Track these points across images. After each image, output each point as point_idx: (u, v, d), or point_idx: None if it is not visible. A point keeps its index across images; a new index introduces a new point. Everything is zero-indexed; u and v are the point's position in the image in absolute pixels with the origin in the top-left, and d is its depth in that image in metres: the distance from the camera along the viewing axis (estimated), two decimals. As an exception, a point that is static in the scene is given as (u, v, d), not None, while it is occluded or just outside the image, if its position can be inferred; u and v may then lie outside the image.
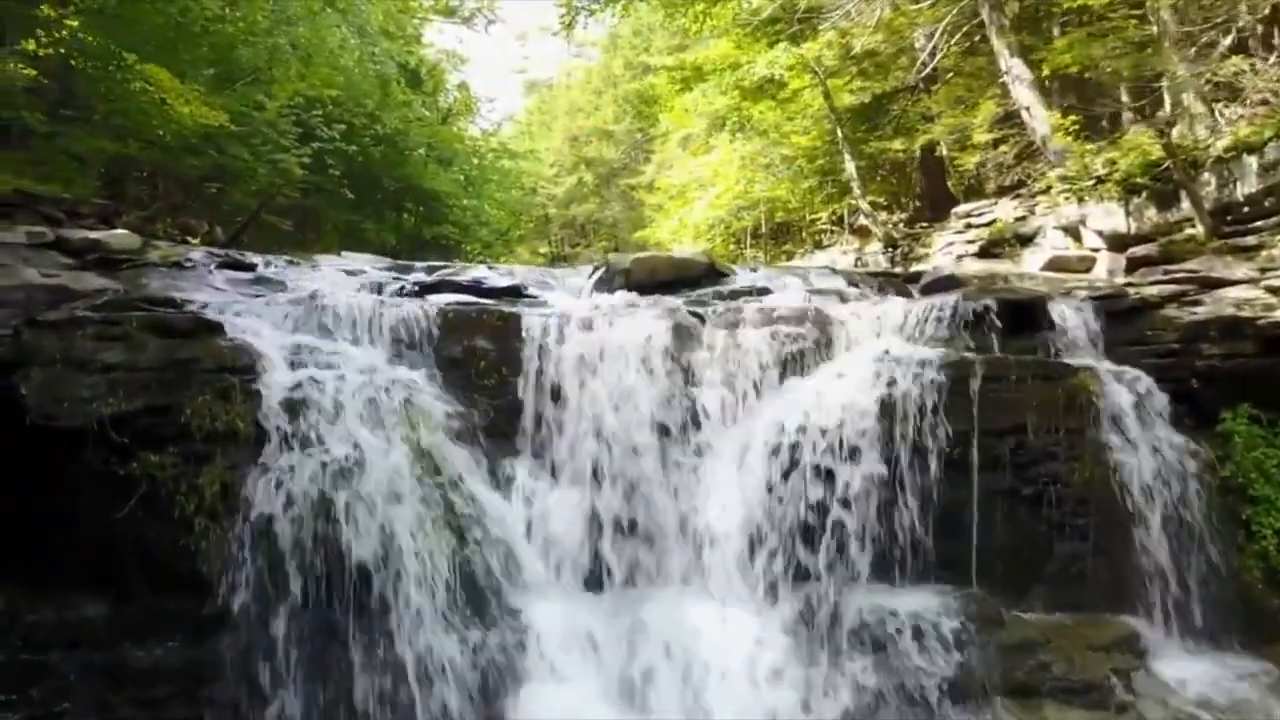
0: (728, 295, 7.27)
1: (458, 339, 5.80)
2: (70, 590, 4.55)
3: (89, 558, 4.56)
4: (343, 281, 7.08)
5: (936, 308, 6.62)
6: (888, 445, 5.82)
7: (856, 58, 14.68)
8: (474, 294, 6.58)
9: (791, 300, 6.94)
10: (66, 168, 9.45)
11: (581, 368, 5.84)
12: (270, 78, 15.08)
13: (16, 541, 4.47)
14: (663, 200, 28.50)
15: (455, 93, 31.19)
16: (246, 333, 5.27)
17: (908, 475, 5.84)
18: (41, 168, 9.24)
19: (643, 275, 7.87)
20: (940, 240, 12.14)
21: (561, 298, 7.34)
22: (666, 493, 5.63)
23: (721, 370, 6.09)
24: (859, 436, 5.80)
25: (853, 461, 5.74)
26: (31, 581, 4.51)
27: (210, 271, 6.55)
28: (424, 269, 8.66)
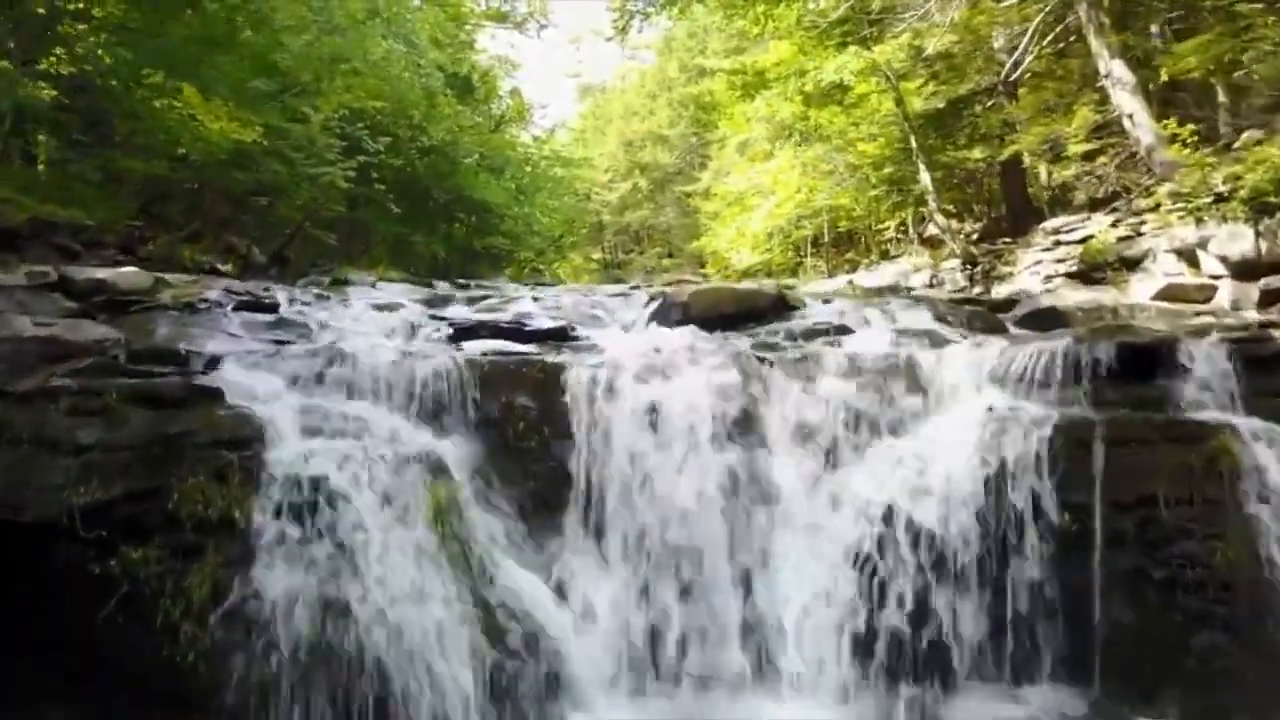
0: (800, 335, 6.45)
1: (494, 396, 5.07)
2: (42, 703, 3.91)
3: (64, 668, 3.91)
4: (372, 321, 6.42)
5: (1045, 354, 5.72)
6: (993, 521, 4.96)
7: (929, 60, 13.71)
8: (514, 338, 5.85)
9: (875, 344, 6.09)
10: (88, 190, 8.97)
11: (635, 429, 5.08)
12: (317, 89, 14.64)
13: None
14: (719, 207, 27.67)
15: (507, 99, 30.75)
16: (253, 397, 4.60)
17: (1017, 556, 4.98)
18: (66, 190, 8.79)
19: (703, 308, 7.10)
20: (1026, 258, 11.11)
21: (613, 336, 6.60)
22: (733, 577, 4.84)
23: (796, 432, 5.27)
24: (959, 511, 4.95)
25: (952, 540, 4.90)
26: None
27: (226, 315, 5.93)
28: (464, 300, 8.03)
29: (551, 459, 5.04)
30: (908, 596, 4.85)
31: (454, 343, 5.77)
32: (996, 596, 4.90)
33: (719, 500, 4.94)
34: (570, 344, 6.01)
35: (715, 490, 4.97)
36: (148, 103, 8.06)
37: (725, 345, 6.06)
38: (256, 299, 6.25)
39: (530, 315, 6.91)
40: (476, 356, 5.26)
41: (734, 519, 4.93)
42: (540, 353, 5.52)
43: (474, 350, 5.47)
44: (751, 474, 5.08)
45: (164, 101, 8.07)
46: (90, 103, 8.24)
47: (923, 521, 4.93)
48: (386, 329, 6.21)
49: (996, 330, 7.35)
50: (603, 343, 6.18)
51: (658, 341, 6.28)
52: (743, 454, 5.11)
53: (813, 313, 7.33)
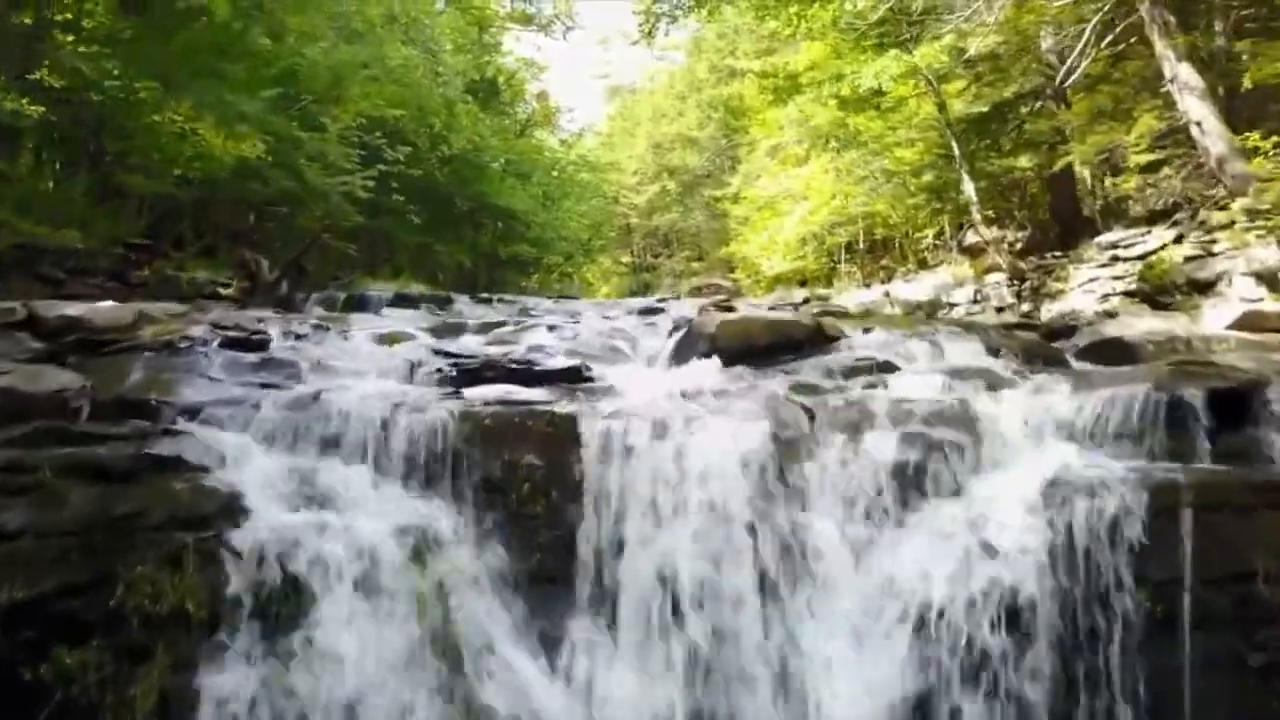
0: (841, 373, 5.82)
1: (496, 453, 4.50)
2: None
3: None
4: (371, 358, 5.88)
5: (1119, 401, 5.05)
6: (1065, 600, 4.32)
7: (970, 61, 12.98)
8: (523, 381, 5.27)
9: (925, 386, 5.44)
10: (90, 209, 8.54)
11: (654, 490, 4.49)
12: (334, 97, 14.24)
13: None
14: (749, 212, 27.00)
15: (534, 102, 30.31)
16: (221, 460, 4.07)
17: (1092, 641, 4.33)
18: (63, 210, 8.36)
19: (731, 340, 6.48)
20: (1079, 275, 10.38)
21: (632, 375, 6.01)
22: (765, 667, 4.24)
23: (839, 492, 4.65)
24: (1024, 588, 4.31)
25: (1018, 624, 4.26)
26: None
27: (207, 355, 5.41)
28: (476, 327, 7.50)
29: (560, 526, 4.45)
30: (966, 688, 4.23)
31: (455, 387, 5.20)
32: (1069, 688, 4.27)
33: (750, 576, 4.35)
34: (585, 386, 5.42)
35: (747, 564, 4.37)
36: (140, 118, 7.59)
37: (757, 387, 5.47)
38: (244, 335, 5.73)
39: (543, 349, 6.34)
40: (477, 408, 4.69)
41: (768, 598, 4.33)
42: (550, 400, 4.93)
43: (477, 397, 4.89)
44: (788, 545, 4.46)
45: (161, 116, 7.60)
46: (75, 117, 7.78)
47: (982, 600, 4.30)
48: (385, 368, 5.66)
49: (1055, 363, 6.68)
50: (621, 383, 5.59)
51: (681, 381, 5.70)
52: (778, 522, 4.50)
53: (853, 345, 6.69)
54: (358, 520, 3.95)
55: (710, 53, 37.76)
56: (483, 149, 19.18)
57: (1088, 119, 10.28)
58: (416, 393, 5.01)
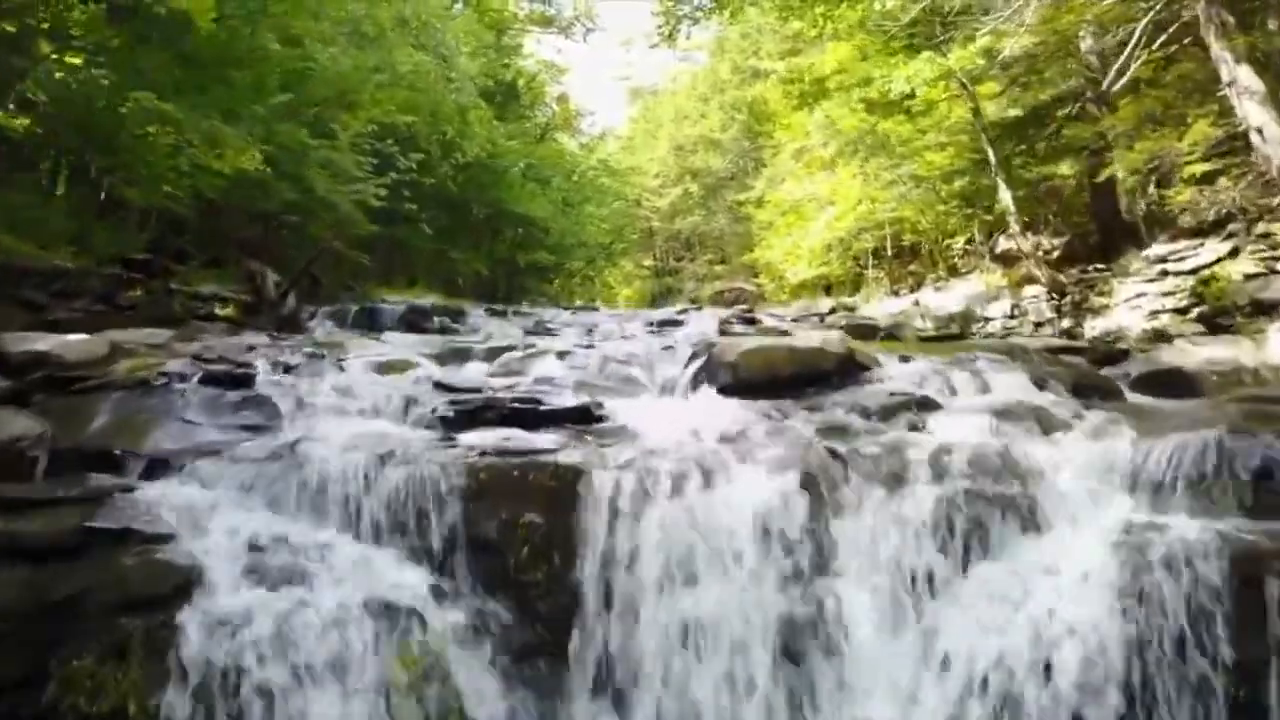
0: (876, 411, 5.30)
1: (492, 512, 4.03)
2: None
3: None
4: (366, 392, 5.43)
5: (1191, 450, 4.51)
6: (1135, 683, 3.79)
7: (1005, 63, 12.39)
8: (527, 423, 4.81)
9: (969, 428, 4.92)
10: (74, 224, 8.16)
11: (668, 557, 4.01)
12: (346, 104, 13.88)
13: None
14: (773, 216, 26.45)
15: (554, 106, 29.90)
16: (183, 522, 3.63)
17: (1168, 727, 3.81)
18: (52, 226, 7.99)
19: (755, 371, 6.00)
20: (1124, 290, 9.79)
21: (646, 411, 5.51)
22: (794, 760, 3.75)
23: (875, 555, 4.15)
24: (1089, 670, 3.79)
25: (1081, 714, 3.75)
26: None
27: (184, 394, 4.97)
28: (483, 353, 7.05)
29: (562, 593, 3.98)
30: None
31: (452, 430, 4.74)
32: (1142, 782, 3.75)
33: (776, 652, 3.86)
34: (594, 428, 4.95)
35: (771, 638, 3.88)
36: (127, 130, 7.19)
37: (784, 429, 4.98)
38: (227, 370, 5.30)
39: (551, 381, 5.87)
40: (472, 458, 4.22)
41: (796, 678, 3.84)
42: (555, 447, 4.46)
43: (473, 444, 4.43)
44: (817, 616, 3.97)
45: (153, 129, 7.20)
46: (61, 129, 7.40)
47: (1038, 684, 3.79)
48: (379, 405, 5.21)
49: (1108, 395, 6.15)
50: (634, 422, 5.11)
51: (700, 418, 5.22)
52: (806, 588, 4.01)
53: (887, 375, 6.19)
54: (332, 595, 3.49)
55: (733, 53, 37.22)
56: (500, 155, 18.75)
57: (1135, 124, 9.68)
58: (407, 439, 4.55)
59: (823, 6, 13.18)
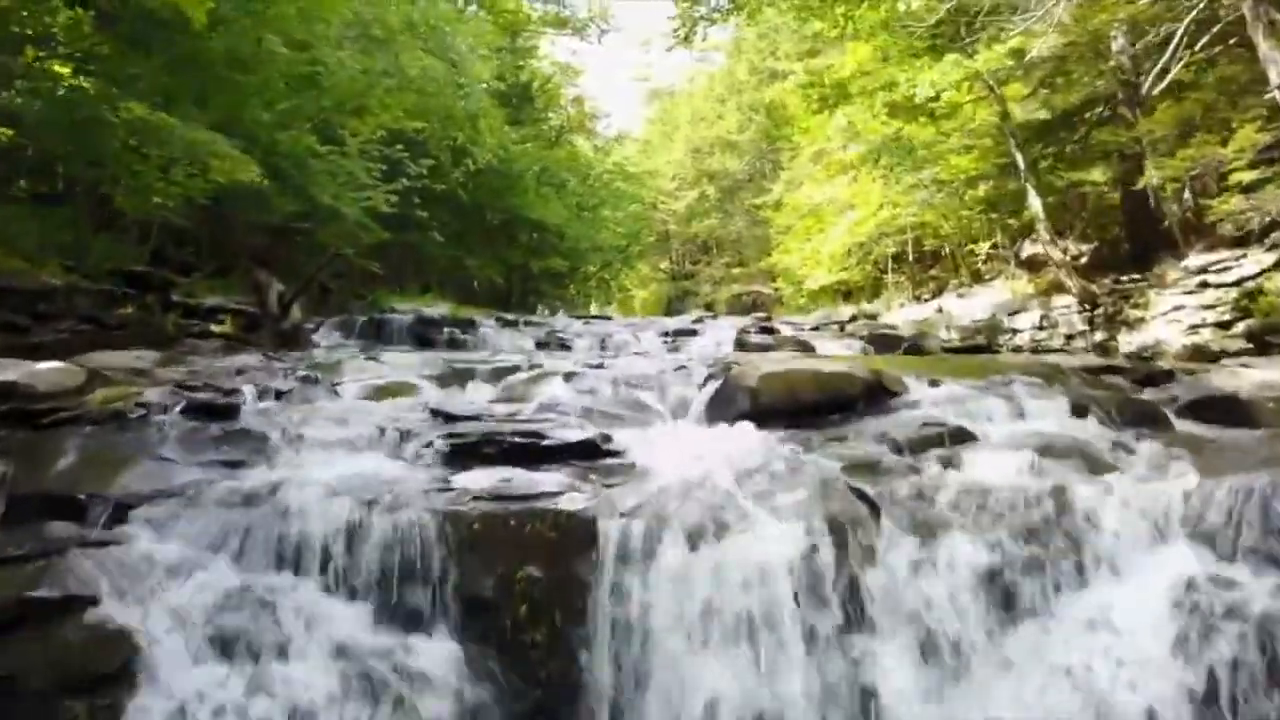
0: (907, 444, 4.91)
1: (488, 566, 3.67)
2: None
3: None
4: (359, 421, 5.08)
5: (1258, 493, 4.09)
6: (1205, 759, 3.40)
7: (1031, 64, 11.93)
8: (528, 459, 4.46)
9: (1010, 468, 4.51)
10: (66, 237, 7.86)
11: (683, 611, 3.63)
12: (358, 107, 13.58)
13: None
14: (791, 220, 26.02)
15: (569, 108, 29.58)
16: (144, 588, 3.28)
17: (1240, 811, 3.40)
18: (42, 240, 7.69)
19: (775, 397, 5.62)
20: (1161, 302, 9.34)
21: (660, 440, 5.14)
22: None
23: (910, 614, 3.76)
24: (1153, 744, 3.40)
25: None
26: None
27: (163, 427, 4.65)
28: (487, 374, 6.71)
29: (564, 654, 3.61)
30: None
31: (447, 467, 4.39)
32: None
33: (802, 725, 3.48)
34: (601, 463, 4.58)
35: (797, 707, 3.50)
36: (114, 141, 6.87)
37: (807, 465, 4.59)
38: (211, 399, 4.97)
39: (557, 408, 5.51)
40: (466, 505, 3.86)
41: (821, 755, 3.46)
42: (558, 489, 4.09)
43: (469, 487, 4.07)
44: (847, 681, 3.59)
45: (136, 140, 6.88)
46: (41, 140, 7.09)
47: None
48: (371, 437, 4.86)
49: (1154, 423, 5.71)
50: (645, 457, 4.74)
51: (716, 451, 4.84)
52: (833, 651, 3.62)
53: (917, 401, 5.79)
54: (307, 667, 3.14)
55: (751, 54, 36.83)
56: (513, 159, 18.42)
57: (1174, 129, 9.22)
58: (397, 480, 4.19)
59: (843, 7, 12.77)
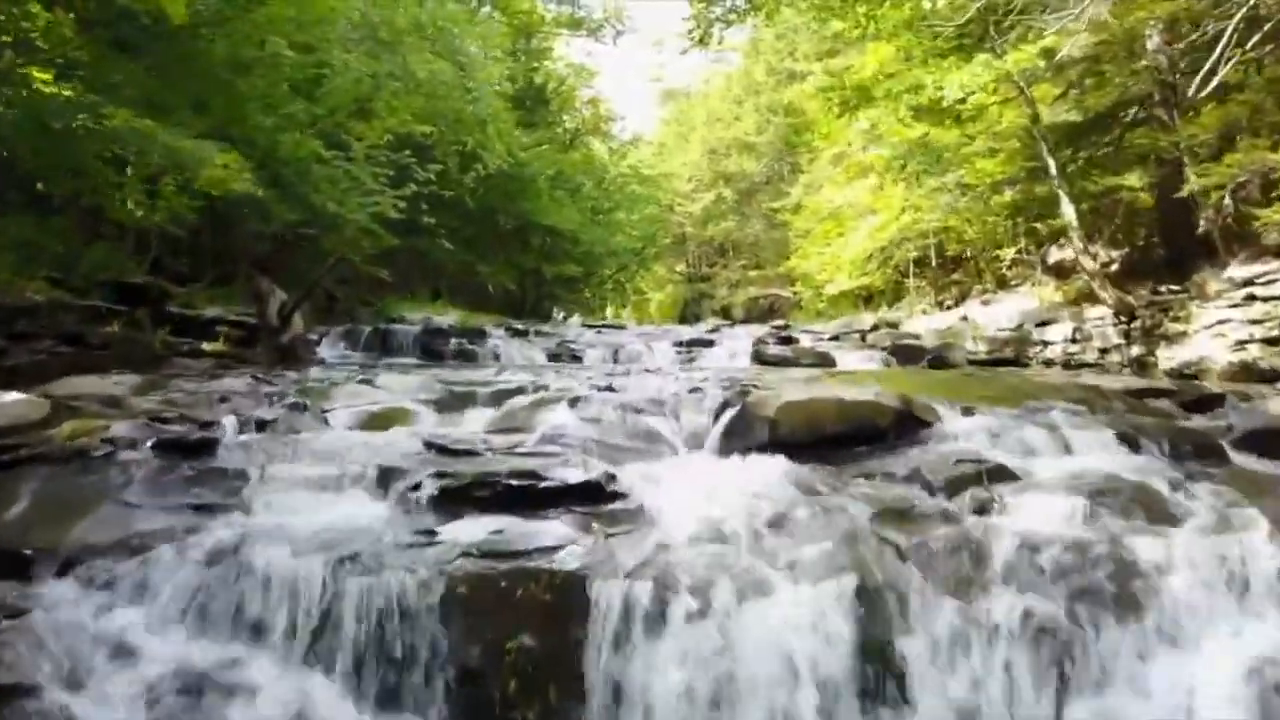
0: (941, 485, 4.47)
1: (477, 634, 3.28)
2: None
3: None
4: (345, 459, 4.70)
5: (1343, 550, 3.65)
6: None
7: (1061, 64, 11.43)
8: (525, 504, 4.06)
9: (1057, 514, 4.06)
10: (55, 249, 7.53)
11: (693, 687, 3.22)
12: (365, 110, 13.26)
13: None
14: (810, 223, 25.56)
15: (584, 110, 29.22)
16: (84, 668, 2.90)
17: None
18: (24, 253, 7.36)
19: (796, 428, 5.20)
20: (1204, 315, 8.84)
21: (670, 477, 4.73)
22: None
23: (951, 686, 3.33)
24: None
25: None
26: None
27: (130, 466, 4.28)
28: (488, 397, 6.33)
29: (562, 735, 3.22)
30: None
31: (435, 514, 4.00)
32: None
33: (828, 823, 3.07)
34: (605, 508, 4.17)
35: (822, 803, 3.09)
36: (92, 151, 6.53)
37: (833, 509, 4.16)
38: (185, 432, 4.60)
39: (560, 438, 5.11)
40: (454, 563, 3.46)
41: None
42: (554, 543, 3.68)
43: (458, 540, 3.67)
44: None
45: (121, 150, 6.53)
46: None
47: None
48: (357, 476, 4.46)
49: (1209, 456, 5.25)
50: (652, 499, 4.32)
51: (731, 490, 4.43)
52: None
53: (949, 432, 5.35)
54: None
55: (768, 54, 36.40)
56: (525, 163, 18.06)
57: (1218, 132, 8.72)
58: (378, 529, 3.80)
59: (865, 6, 12.31)
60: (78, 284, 7.90)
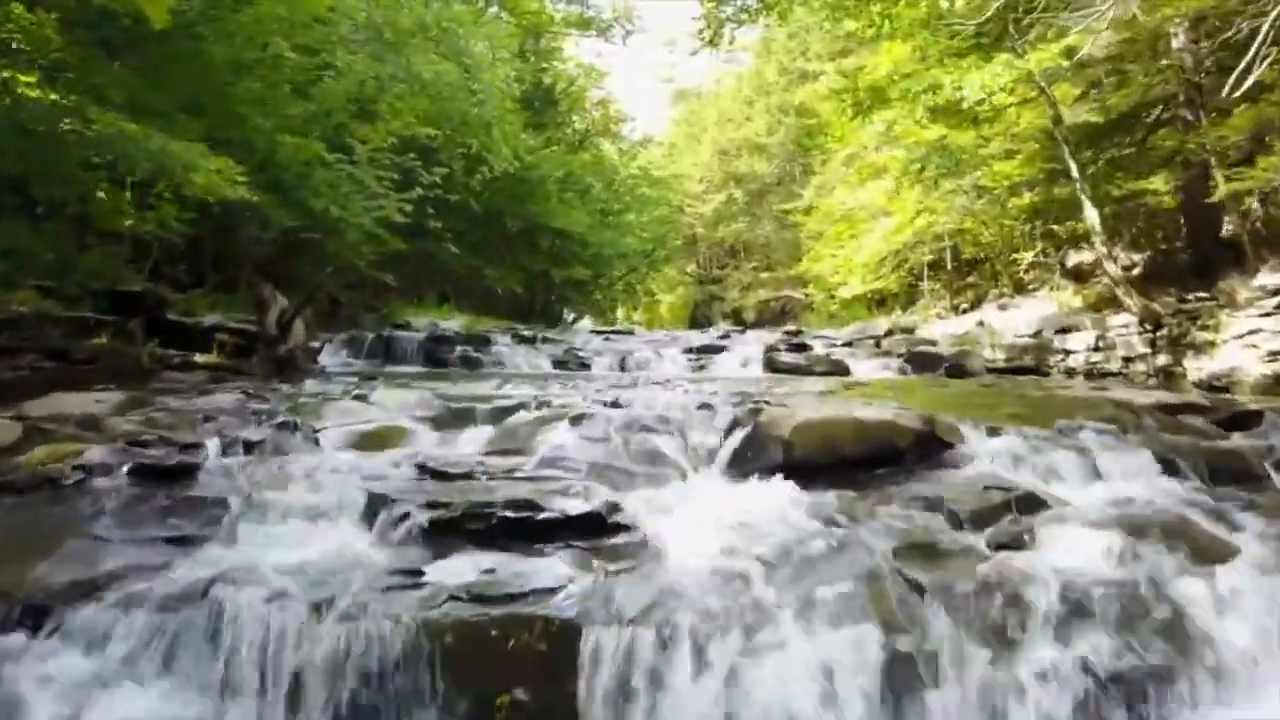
0: (966, 515, 4.17)
1: (464, 684, 3.01)
2: None
3: None
4: (332, 485, 4.43)
5: None
6: None
7: (1081, 64, 11.10)
8: (521, 537, 3.78)
9: (1094, 552, 3.76)
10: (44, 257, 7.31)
11: (698, 747, 2.95)
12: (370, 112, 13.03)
13: None
14: (823, 226, 25.24)
15: (594, 111, 28.98)
16: None
17: None
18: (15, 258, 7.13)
19: (811, 450, 4.92)
20: (1234, 324, 8.51)
21: (677, 506, 4.45)
22: None
23: (984, 751, 3.05)
24: None
25: None
26: None
27: (102, 497, 4.03)
28: (486, 415, 6.07)
29: (556, 799, 2.95)
30: None
31: (424, 548, 3.72)
32: None
33: None
34: (607, 543, 3.89)
35: None
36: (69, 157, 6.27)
37: (851, 544, 3.87)
38: (164, 456, 4.34)
39: (561, 462, 4.84)
40: (440, 607, 3.19)
41: None
42: (551, 584, 3.40)
43: (445, 579, 3.40)
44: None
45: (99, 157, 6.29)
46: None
47: None
48: (343, 503, 4.20)
49: (1253, 482, 4.95)
50: (658, 531, 4.04)
51: (742, 524, 4.14)
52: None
53: (974, 454, 5.06)
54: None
55: (780, 54, 36.09)
56: (533, 166, 17.80)
57: (1249, 133, 8.39)
58: (362, 566, 3.53)
59: (880, 5, 12.01)
60: (71, 292, 7.67)
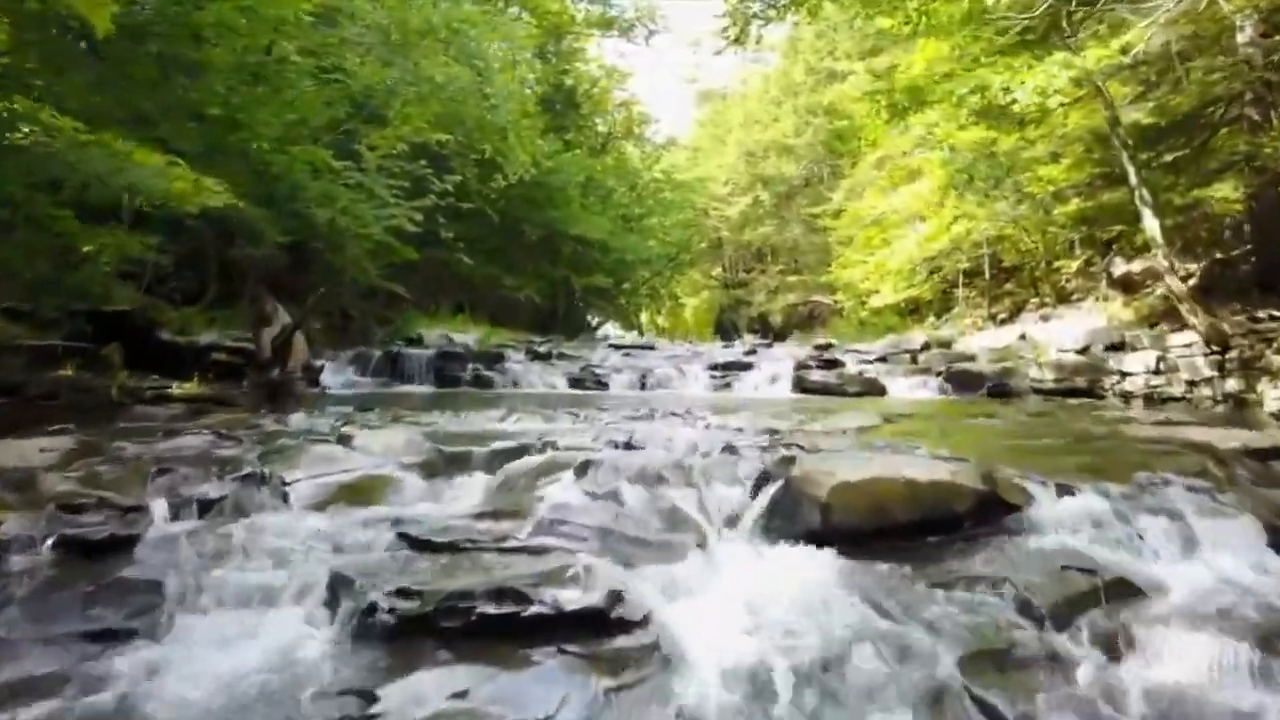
0: (1048, 608, 3.45)
1: None
2: None
3: None
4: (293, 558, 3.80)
5: None
6: None
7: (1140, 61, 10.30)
8: (507, 638, 3.12)
9: (1214, 667, 3.04)
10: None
11: None
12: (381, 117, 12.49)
13: None
14: (853, 230, 24.45)
15: (617, 113, 28.37)
16: None
17: None
18: None
19: (856, 515, 4.23)
20: (1317, 347, 7.70)
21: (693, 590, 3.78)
22: None
23: None
24: None
25: None
26: None
27: (19, 578, 3.42)
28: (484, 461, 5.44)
29: None
30: None
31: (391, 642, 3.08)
32: None
33: None
34: (609, 646, 3.21)
35: None
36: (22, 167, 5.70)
37: (909, 651, 3.18)
38: (98, 525, 3.73)
39: (562, 529, 4.17)
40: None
41: None
42: (539, 714, 2.74)
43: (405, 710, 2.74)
44: None
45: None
46: None
47: None
48: (304, 585, 3.56)
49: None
50: (672, 626, 3.36)
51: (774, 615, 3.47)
52: None
53: (1044, 520, 4.33)
54: None
55: (808, 53, 35.33)
56: (553, 171, 17.19)
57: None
58: (305, 683, 2.89)
59: (917, 1, 11.25)
60: (47, 315, 7.11)
